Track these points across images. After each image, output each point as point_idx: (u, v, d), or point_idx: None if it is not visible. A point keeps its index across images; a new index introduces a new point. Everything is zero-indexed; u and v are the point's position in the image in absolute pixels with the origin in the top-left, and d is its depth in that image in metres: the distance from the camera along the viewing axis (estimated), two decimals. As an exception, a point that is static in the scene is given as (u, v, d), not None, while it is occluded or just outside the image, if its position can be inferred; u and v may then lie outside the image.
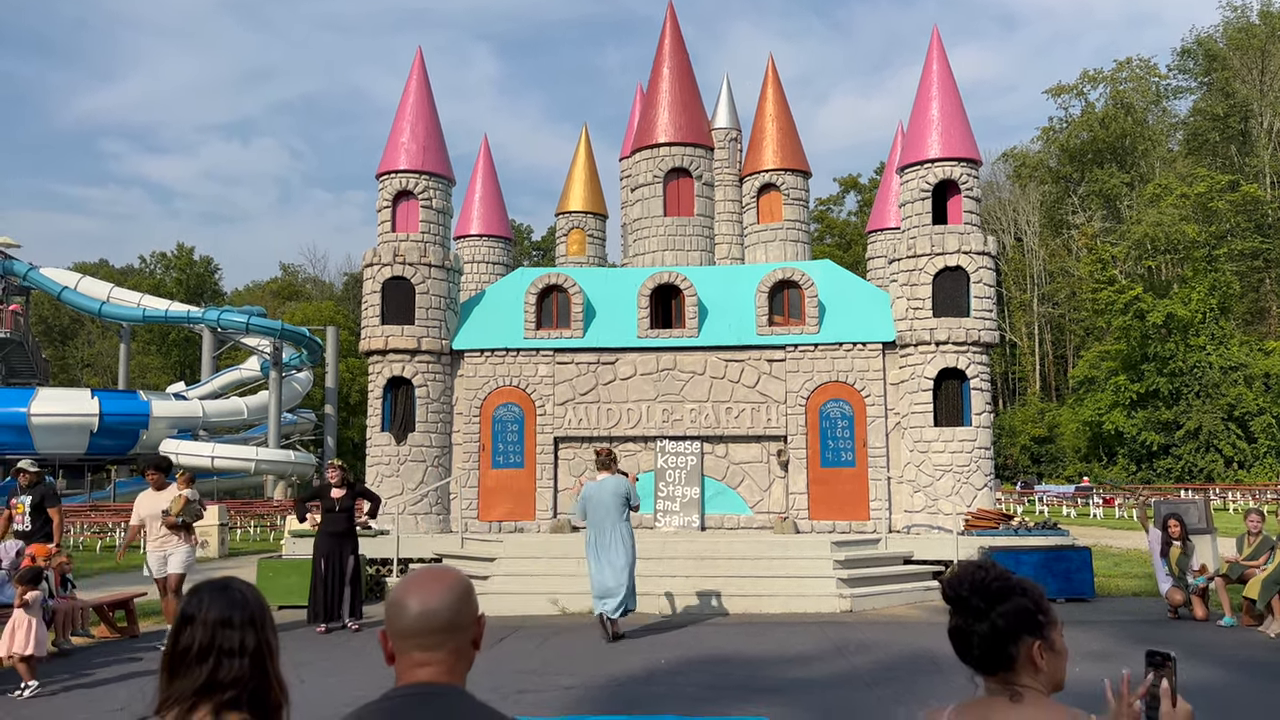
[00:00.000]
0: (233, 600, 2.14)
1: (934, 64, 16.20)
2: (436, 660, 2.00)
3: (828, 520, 15.23)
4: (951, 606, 2.17)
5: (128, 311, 41.94)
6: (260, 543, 24.37)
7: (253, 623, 2.14)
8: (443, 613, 2.01)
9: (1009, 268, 58.54)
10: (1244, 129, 53.07)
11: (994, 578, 2.13)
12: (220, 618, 2.10)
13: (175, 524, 10.08)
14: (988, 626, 2.08)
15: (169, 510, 10.09)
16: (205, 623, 2.10)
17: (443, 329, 16.14)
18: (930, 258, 15.33)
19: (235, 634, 2.10)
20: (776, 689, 7.79)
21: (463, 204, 20.90)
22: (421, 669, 2.00)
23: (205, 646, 2.07)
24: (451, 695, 1.97)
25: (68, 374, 64.44)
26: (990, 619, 2.08)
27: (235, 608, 2.13)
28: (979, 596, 2.11)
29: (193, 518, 10.32)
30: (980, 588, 2.12)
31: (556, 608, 11.97)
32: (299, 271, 78.96)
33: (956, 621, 2.15)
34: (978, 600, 2.11)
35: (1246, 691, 7.70)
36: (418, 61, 17.16)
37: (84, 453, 37.25)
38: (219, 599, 2.13)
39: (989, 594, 2.11)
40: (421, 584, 2.05)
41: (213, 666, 2.06)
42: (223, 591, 2.15)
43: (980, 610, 2.10)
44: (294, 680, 9.11)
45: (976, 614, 2.10)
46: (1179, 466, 43.21)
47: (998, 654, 2.09)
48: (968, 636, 2.12)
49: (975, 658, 2.12)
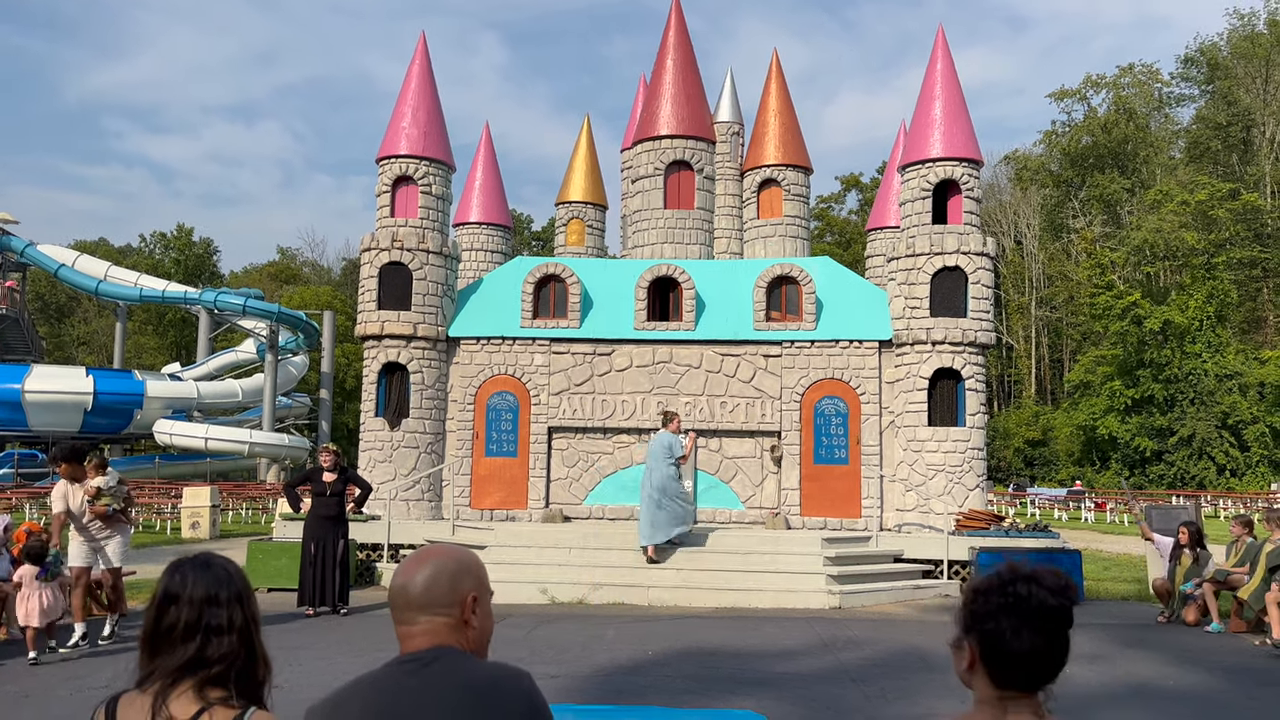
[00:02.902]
0: (217, 577, 2.12)
1: (938, 63, 16.17)
2: (431, 631, 2.06)
3: (819, 517, 15.24)
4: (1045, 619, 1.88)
5: (125, 290, 41.87)
6: (252, 525, 24.35)
7: (239, 599, 2.12)
8: (436, 587, 2.07)
9: (1008, 270, 58.56)
10: (1245, 138, 53.08)
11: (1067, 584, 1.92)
12: (207, 595, 2.08)
13: (106, 512, 9.40)
14: (1065, 640, 1.91)
15: (93, 501, 9.37)
16: (191, 601, 2.07)
17: (439, 316, 16.11)
18: (929, 257, 15.31)
19: (222, 611, 2.08)
20: (763, 682, 7.79)
21: (463, 191, 20.85)
22: (419, 638, 2.06)
23: (192, 624, 2.05)
24: (447, 655, 2.02)
25: (63, 352, 64.33)
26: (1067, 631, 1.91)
27: (221, 584, 2.11)
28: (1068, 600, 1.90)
29: (123, 502, 9.66)
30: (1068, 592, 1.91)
31: (546, 597, 11.97)
32: (297, 255, 78.86)
33: (1040, 639, 1.87)
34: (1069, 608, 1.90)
35: (1235, 697, 7.72)
36: (421, 46, 17.10)
37: (78, 431, 37.18)
38: (203, 576, 2.11)
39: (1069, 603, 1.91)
40: (419, 559, 2.13)
41: (200, 644, 2.04)
42: (206, 568, 2.13)
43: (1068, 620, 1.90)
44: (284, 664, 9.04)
45: (1067, 622, 1.90)
46: (1171, 473, 43.29)
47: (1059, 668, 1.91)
48: (1063, 651, 1.90)
49: (1053, 673, 1.91)
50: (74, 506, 9.38)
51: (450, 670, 2.01)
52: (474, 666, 2.03)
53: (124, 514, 9.73)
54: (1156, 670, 8.53)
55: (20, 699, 7.13)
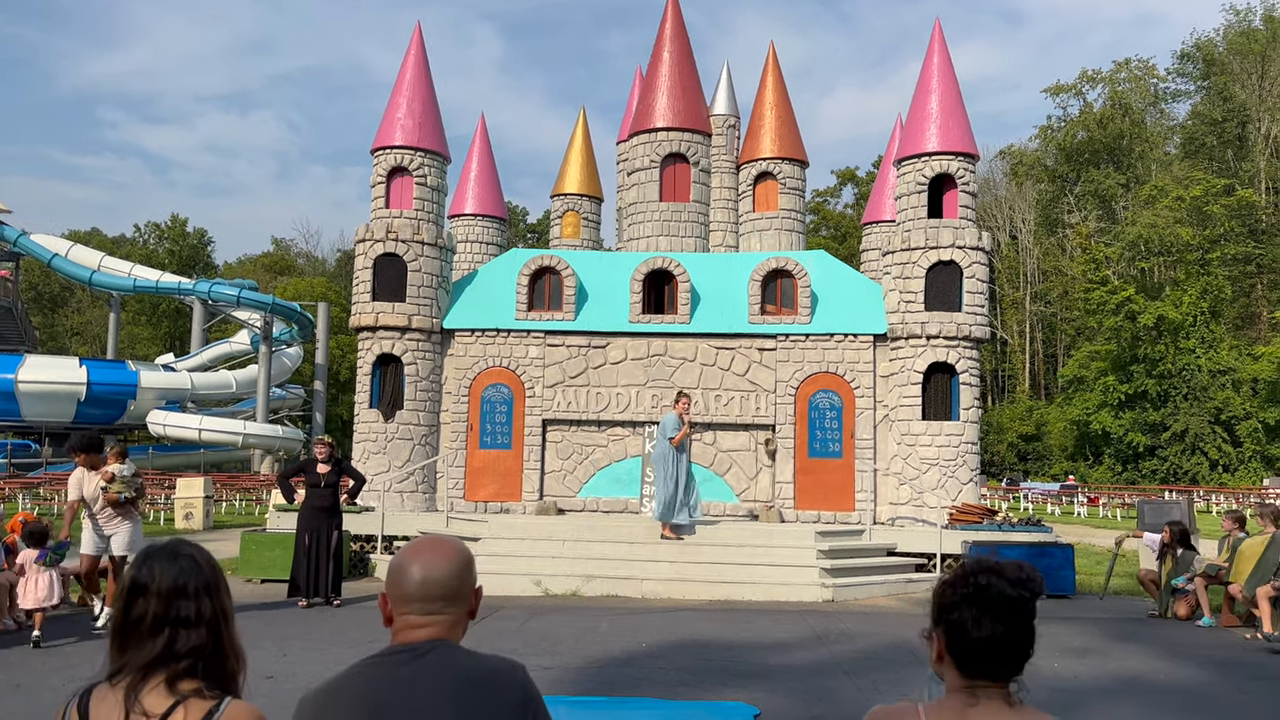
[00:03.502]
0: (185, 568, 2.05)
1: (935, 57, 16.15)
2: (433, 624, 2.05)
3: (813, 510, 15.27)
4: (1011, 608, 1.94)
5: (118, 281, 41.70)
6: (245, 516, 24.33)
7: (208, 590, 2.05)
8: (446, 580, 2.06)
9: (1003, 265, 58.64)
10: (1241, 134, 53.16)
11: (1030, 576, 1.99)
12: (174, 586, 2.01)
13: (117, 500, 9.57)
14: (1029, 629, 1.96)
15: (106, 488, 9.56)
16: (159, 593, 2.00)
17: (434, 307, 16.08)
18: (924, 251, 15.32)
19: (190, 603, 2.01)
20: (756, 674, 7.81)
21: (458, 183, 20.80)
22: (418, 630, 2.05)
23: (159, 617, 1.99)
24: (442, 647, 2.02)
25: (56, 342, 64.14)
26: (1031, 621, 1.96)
27: (189, 575, 2.04)
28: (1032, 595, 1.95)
29: (134, 492, 9.80)
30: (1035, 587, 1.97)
31: (539, 589, 11.98)
32: (291, 246, 78.67)
33: (1002, 627, 1.93)
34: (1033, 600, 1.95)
35: (1226, 690, 7.75)
36: (416, 36, 17.04)
37: (71, 421, 37.08)
38: (171, 567, 2.04)
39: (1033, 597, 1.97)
40: (426, 551, 2.11)
41: (168, 638, 1.98)
42: (174, 558, 2.05)
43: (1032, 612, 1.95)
44: (276, 654, 9.03)
45: (1027, 613, 1.95)
46: (1164, 468, 43.44)
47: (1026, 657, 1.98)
48: (1025, 641, 1.95)
49: (1016, 662, 1.96)
50: (88, 493, 9.54)
51: (445, 661, 2.00)
52: (468, 658, 2.03)
53: (133, 504, 9.84)
54: (1148, 664, 8.57)
55: (12, 688, 7.12)
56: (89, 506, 9.60)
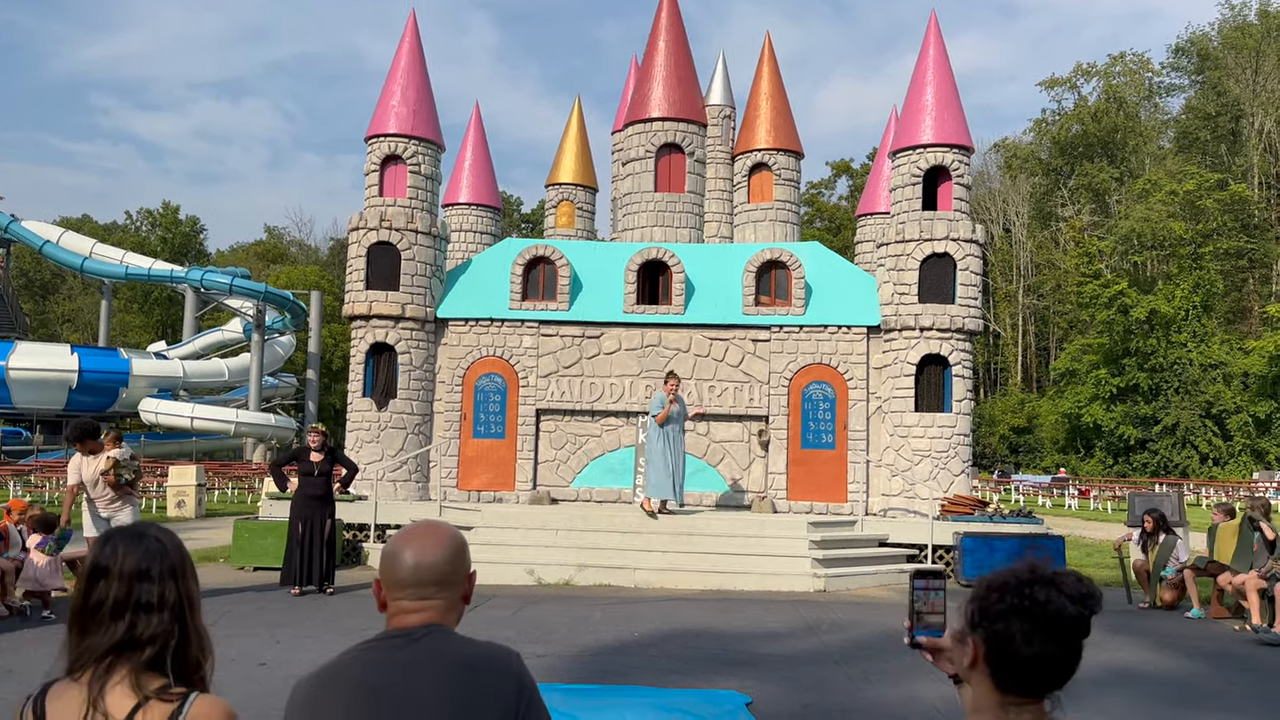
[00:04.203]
0: (149, 550, 1.95)
1: (930, 49, 16.13)
2: (428, 609, 2.04)
3: (805, 501, 15.30)
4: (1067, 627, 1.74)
5: (110, 268, 41.54)
6: (238, 504, 24.31)
7: (173, 574, 1.95)
8: (439, 565, 2.06)
9: (996, 258, 58.72)
10: (1234, 128, 53.26)
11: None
12: (136, 569, 1.92)
13: (117, 481, 9.79)
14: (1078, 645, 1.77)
15: (107, 471, 9.77)
16: (121, 575, 1.91)
17: (427, 296, 16.05)
18: (918, 243, 15.33)
19: (154, 587, 1.91)
20: (748, 663, 7.84)
21: (452, 171, 20.76)
22: (411, 615, 2.04)
23: (121, 602, 1.89)
24: (437, 633, 2.02)
25: (47, 329, 63.89)
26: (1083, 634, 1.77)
27: (153, 558, 1.94)
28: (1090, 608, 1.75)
29: (133, 475, 10.05)
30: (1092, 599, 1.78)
31: (532, 578, 12.00)
32: (284, 234, 78.39)
33: (1053, 647, 1.74)
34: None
35: (1215, 681, 7.81)
36: (411, 24, 16.97)
37: (62, 409, 37.01)
38: (134, 548, 1.94)
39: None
40: (420, 536, 2.09)
41: (129, 623, 1.89)
42: (138, 540, 1.96)
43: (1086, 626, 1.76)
44: (269, 642, 9.03)
45: (1084, 632, 1.75)
46: (1155, 461, 43.63)
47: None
48: (1075, 659, 1.76)
49: (1061, 681, 1.78)
50: (87, 478, 9.76)
51: (441, 647, 2.00)
52: (465, 644, 2.03)
53: (133, 485, 10.12)
54: (1138, 655, 8.62)
55: (5, 674, 7.11)
56: (88, 491, 9.81)
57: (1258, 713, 6.85)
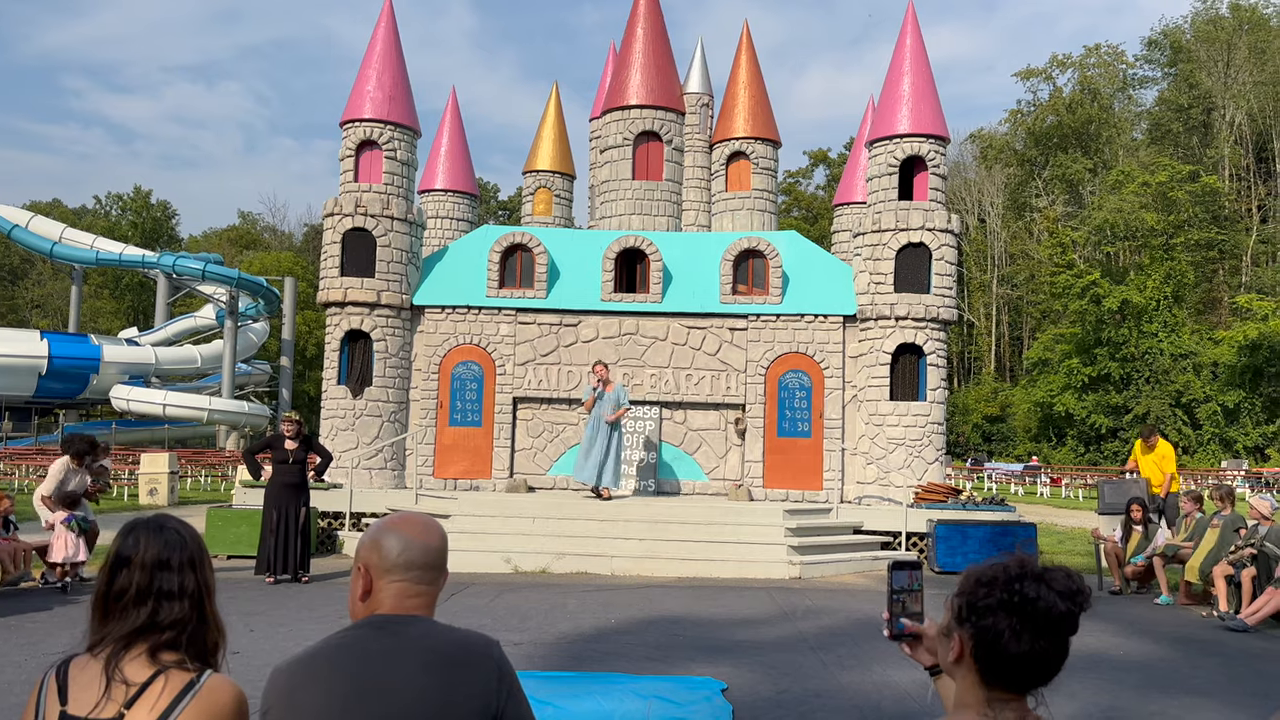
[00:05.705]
0: (170, 541, 2.08)
1: (908, 39, 16.19)
2: (424, 594, 2.08)
3: (782, 489, 15.39)
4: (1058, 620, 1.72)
5: (80, 253, 40.96)
6: (211, 492, 24.12)
7: (192, 564, 2.08)
8: (438, 550, 2.11)
9: (971, 248, 59.11)
10: (1206, 121, 53.82)
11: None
12: (158, 559, 2.04)
13: (102, 489, 10.98)
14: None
15: (95, 480, 10.84)
16: (143, 565, 2.03)
17: (403, 283, 15.97)
18: (894, 233, 15.41)
19: (174, 576, 2.04)
20: (724, 650, 7.89)
21: (428, 158, 20.62)
22: (408, 600, 2.07)
23: (144, 589, 2.02)
24: (420, 622, 2.05)
25: (16, 315, 63.01)
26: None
27: (173, 549, 2.07)
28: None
29: (105, 484, 11.17)
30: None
31: (509, 566, 12.01)
32: (258, 220, 77.65)
33: (1044, 643, 1.72)
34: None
35: (1180, 665, 7.94)
36: (387, 8, 16.82)
37: (32, 395, 36.54)
38: (156, 539, 2.07)
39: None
40: (414, 523, 2.13)
41: (151, 609, 2.01)
42: (159, 531, 2.08)
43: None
44: (243, 630, 8.98)
45: (1072, 628, 1.74)
46: (1126, 450, 44.08)
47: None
48: (1062, 655, 1.75)
49: (1048, 677, 1.77)
50: (74, 485, 10.50)
51: (422, 635, 2.01)
52: (445, 632, 2.04)
53: (101, 492, 11.25)
54: (1106, 640, 8.75)
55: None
56: (61, 494, 10.46)
57: (1222, 696, 6.97)
